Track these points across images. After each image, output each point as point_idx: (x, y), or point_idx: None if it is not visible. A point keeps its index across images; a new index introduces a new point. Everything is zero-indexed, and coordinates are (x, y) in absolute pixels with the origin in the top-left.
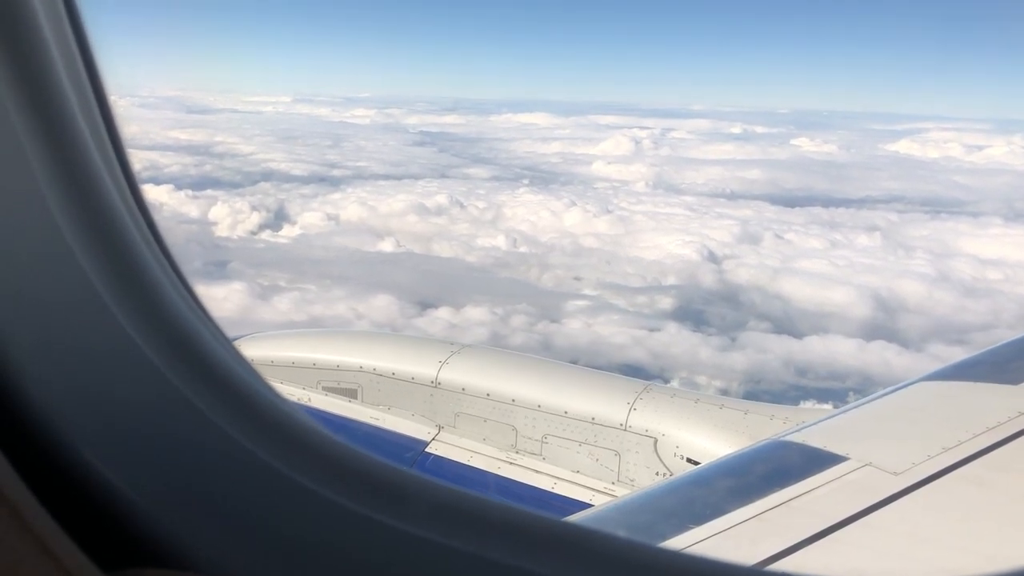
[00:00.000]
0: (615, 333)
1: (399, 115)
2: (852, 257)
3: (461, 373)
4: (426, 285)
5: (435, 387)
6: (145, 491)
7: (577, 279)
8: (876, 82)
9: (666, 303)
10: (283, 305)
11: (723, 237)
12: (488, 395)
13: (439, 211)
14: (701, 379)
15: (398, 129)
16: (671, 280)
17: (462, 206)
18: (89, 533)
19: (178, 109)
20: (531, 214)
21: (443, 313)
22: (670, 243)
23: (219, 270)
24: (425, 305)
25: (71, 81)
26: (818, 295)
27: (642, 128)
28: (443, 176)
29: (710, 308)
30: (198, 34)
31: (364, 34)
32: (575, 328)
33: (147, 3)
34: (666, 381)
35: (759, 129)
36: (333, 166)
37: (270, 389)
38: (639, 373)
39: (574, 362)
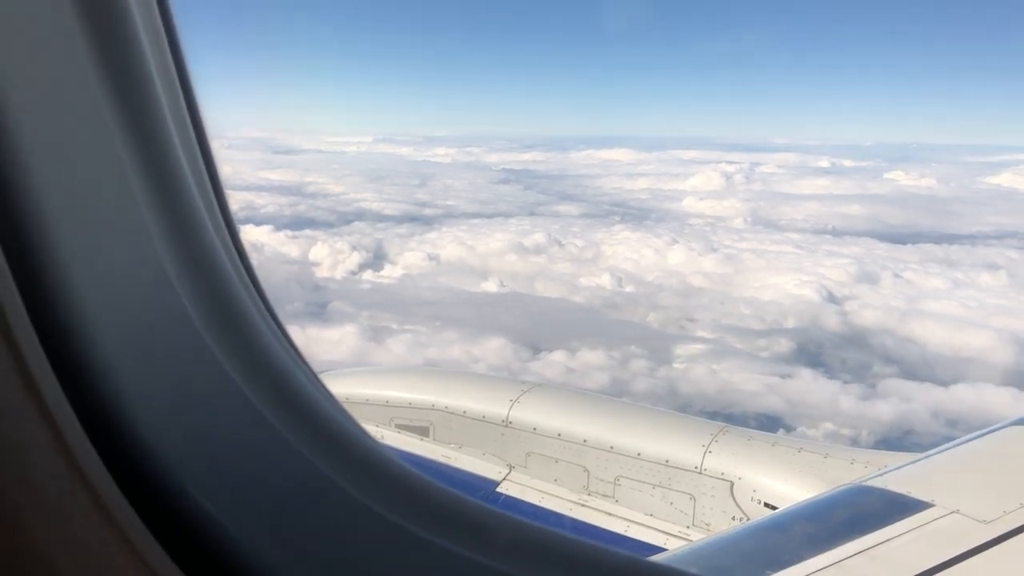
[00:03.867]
0: (745, 380)
1: (479, 153)
2: (980, 297)
3: (532, 412)
4: (536, 327)
5: (506, 426)
6: (244, 526)
7: (691, 320)
8: (966, 113)
9: (790, 347)
10: (397, 348)
11: (839, 276)
12: (559, 435)
13: (538, 250)
14: (845, 431)
15: (481, 167)
16: (791, 322)
17: (560, 244)
18: (195, 565)
19: (265, 150)
20: (632, 252)
21: (558, 357)
22: (785, 283)
23: (322, 311)
24: (538, 348)
25: (175, 121)
26: (954, 339)
27: (729, 163)
28: (533, 214)
29: (838, 352)
30: (279, 76)
31: (441, 73)
32: (700, 374)
33: (227, 47)
34: (803, 431)
35: (847, 163)
36: (424, 205)
37: (359, 427)
38: (776, 423)
39: (704, 412)
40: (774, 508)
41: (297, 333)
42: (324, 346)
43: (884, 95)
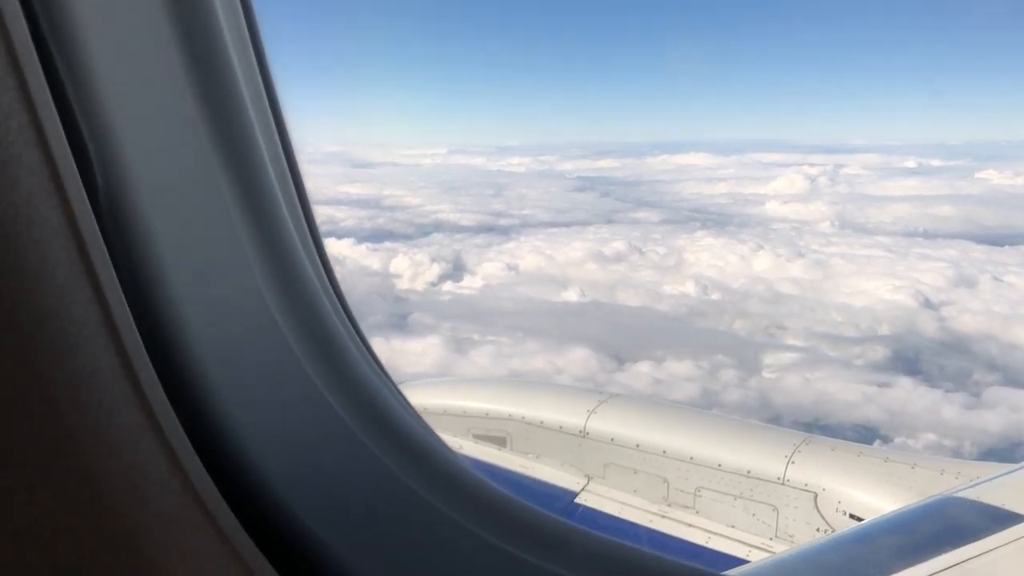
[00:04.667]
0: (840, 389)
1: (553, 161)
2: None
3: (610, 423)
4: (620, 336)
5: (583, 437)
6: (336, 536)
7: (780, 328)
8: None
9: (886, 354)
10: (480, 359)
11: (934, 280)
12: (638, 446)
13: (618, 258)
14: (948, 442)
15: (555, 176)
16: (887, 329)
17: (641, 252)
18: (291, 571)
19: (343, 164)
20: (716, 259)
21: (645, 367)
22: (878, 288)
23: (404, 323)
24: (623, 359)
25: (265, 140)
26: None
27: (811, 165)
28: (611, 221)
29: (938, 360)
30: (353, 91)
31: (512, 83)
32: (794, 383)
33: (299, 63)
34: (903, 442)
35: (935, 162)
36: (500, 215)
37: (440, 440)
38: (873, 434)
39: (798, 423)
40: (860, 520)
41: (380, 346)
42: (408, 358)
43: (970, 92)
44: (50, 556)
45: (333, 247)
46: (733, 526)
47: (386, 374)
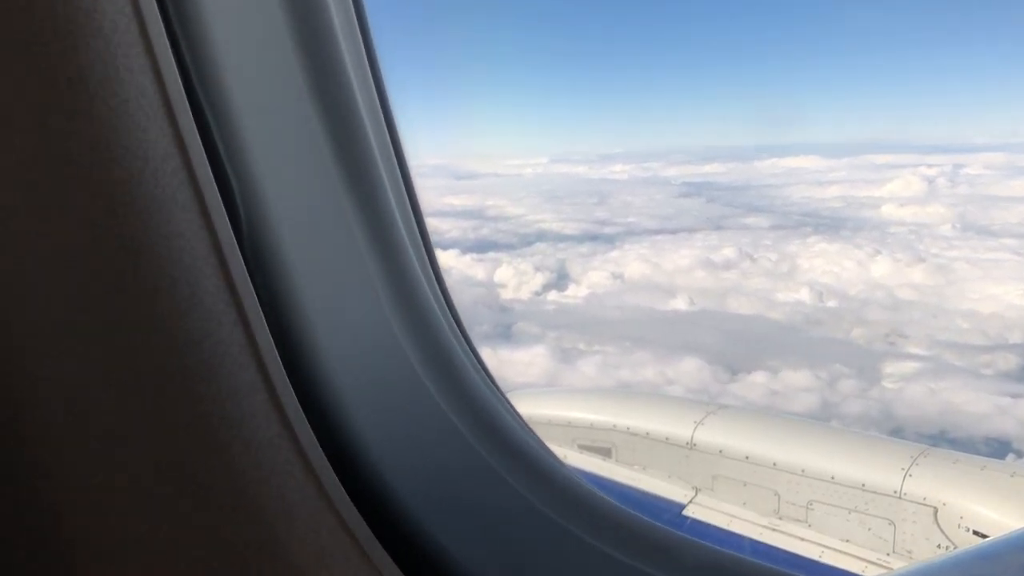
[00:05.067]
0: (969, 400)
1: (657, 168)
2: None
3: (717, 434)
4: (733, 346)
5: (690, 448)
6: (461, 547)
7: (901, 336)
8: None
9: (1018, 363)
10: (588, 369)
11: None
12: (747, 458)
13: (728, 265)
14: None
15: (660, 182)
16: (1017, 337)
17: (752, 259)
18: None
19: (446, 176)
20: (831, 264)
21: (759, 378)
22: (1006, 293)
23: (509, 332)
24: (736, 369)
25: (382, 157)
26: None
27: (928, 166)
28: (719, 228)
29: None
30: (454, 103)
31: (612, 90)
32: (917, 394)
33: (401, 77)
34: None
35: None
36: (604, 223)
37: (550, 451)
38: (1005, 448)
39: (924, 436)
40: (984, 536)
41: (487, 355)
42: (514, 368)
43: None
44: (205, 556)
45: (439, 258)
46: (848, 540)
47: (497, 386)
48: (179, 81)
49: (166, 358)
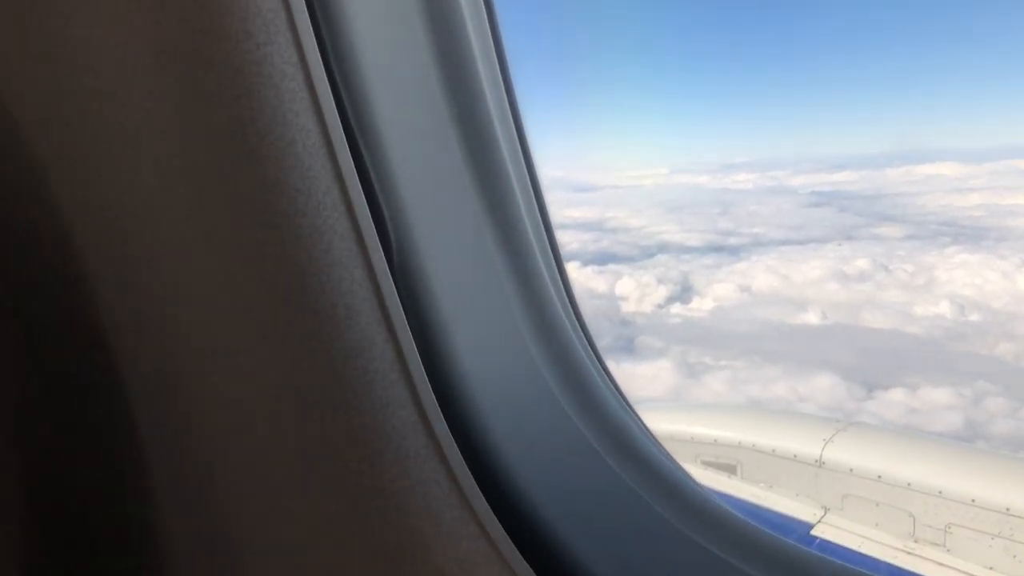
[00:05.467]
0: None
1: (783, 177)
2: None
3: (848, 452)
4: (868, 362)
5: (819, 466)
6: (597, 560)
7: None
8: None
9: None
10: (715, 384)
11: None
12: (879, 477)
13: (861, 277)
14: None
15: (786, 191)
16: None
17: (887, 270)
18: None
19: (565, 189)
20: (973, 276)
21: (897, 395)
22: None
23: (631, 346)
24: (872, 386)
25: (515, 172)
26: None
27: None
28: (850, 238)
29: None
30: (571, 114)
31: (734, 98)
32: None
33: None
34: None
35: None
36: (728, 234)
37: (682, 469)
38: None
39: None
40: None
41: (613, 370)
42: (638, 382)
43: None
44: (357, 559)
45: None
46: (991, 568)
47: (627, 400)
48: (338, 122)
49: (325, 373)
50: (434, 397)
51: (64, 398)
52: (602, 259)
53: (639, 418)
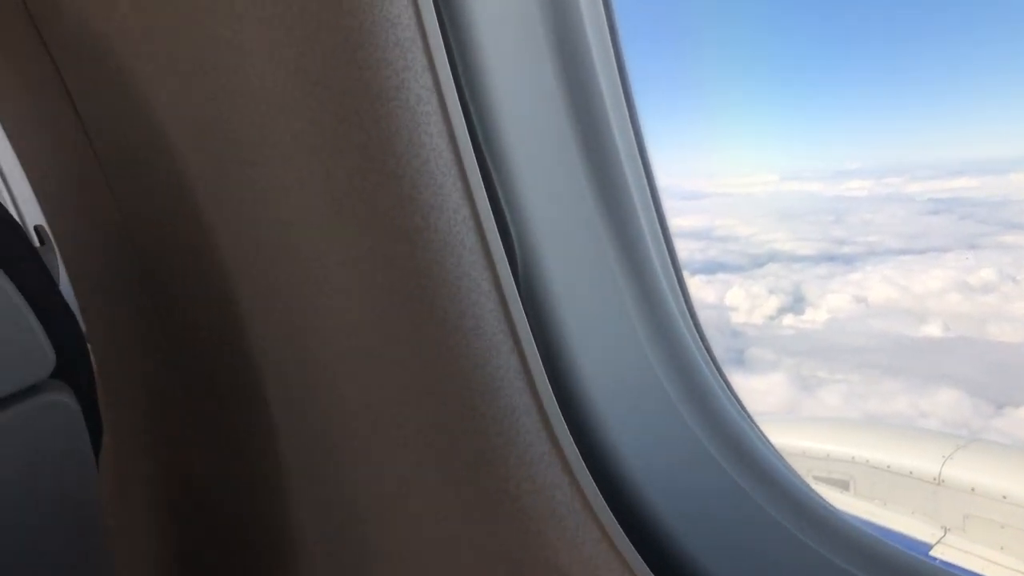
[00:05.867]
0: None
1: (899, 184)
2: None
3: (969, 470)
4: (996, 377)
5: (937, 484)
6: (721, 571)
7: None
8: None
9: None
10: (831, 399)
11: None
12: (1004, 498)
13: (986, 288)
14: None
15: (903, 199)
16: None
17: (1015, 280)
18: None
19: (672, 197)
20: None
21: None
22: None
23: (742, 358)
24: (1002, 402)
25: (635, 184)
26: None
27: None
28: (973, 246)
29: None
30: (677, 120)
31: (846, 103)
32: None
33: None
34: None
35: None
36: (842, 243)
37: (804, 481)
38: None
39: None
40: None
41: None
42: (750, 396)
43: None
44: (485, 559)
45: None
46: None
47: (746, 411)
48: (470, 143)
49: (455, 379)
50: (557, 404)
51: (202, 398)
52: (711, 268)
53: (758, 428)
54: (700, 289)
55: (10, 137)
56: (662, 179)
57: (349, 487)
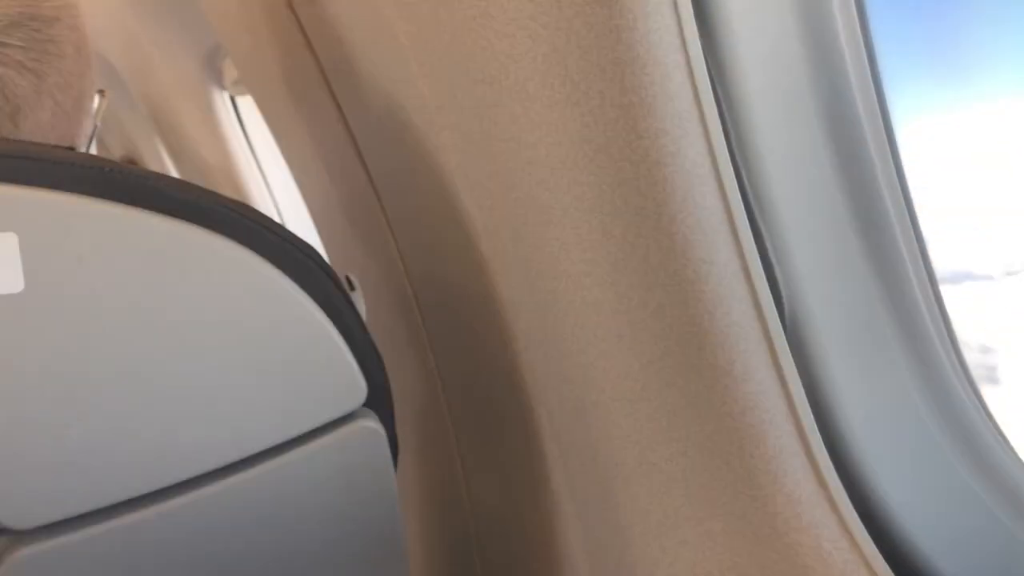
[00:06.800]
0: None
1: None
2: None
3: None
4: None
5: None
6: None
7: None
8: None
9: None
10: None
11: None
12: None
13: None
14: None
15: None
16: None
17: None
18: None
19: None
20: None
21: None
22: None
23: (993, 375)
24: None
25: (900, 229)
26: None
27: None
28: None
29: None
30: None
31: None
32: None
33: None
34: None
35: None
36: None
37: None
38: None
39: None
40: None
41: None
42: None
43: None
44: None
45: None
46: None
47: (1015, 451)
48: (741, 203)
49: (723, 422)
50: (823, 445)
51: (488, 427)
52: (956, 277)
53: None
54: (946, 298)
55: (292, 170)
56: None
57: (611, 504)
